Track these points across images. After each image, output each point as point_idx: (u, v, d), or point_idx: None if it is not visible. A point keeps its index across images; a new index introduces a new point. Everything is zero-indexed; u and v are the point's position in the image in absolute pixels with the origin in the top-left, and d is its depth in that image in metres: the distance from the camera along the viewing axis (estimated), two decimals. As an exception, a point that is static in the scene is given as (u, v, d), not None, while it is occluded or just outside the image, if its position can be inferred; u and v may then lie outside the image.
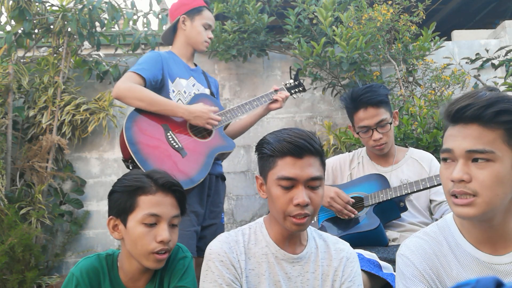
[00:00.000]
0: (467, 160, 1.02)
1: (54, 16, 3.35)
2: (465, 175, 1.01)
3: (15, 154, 3.34)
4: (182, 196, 1.38)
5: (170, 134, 2.03)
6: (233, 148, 2.13)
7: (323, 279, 1.32)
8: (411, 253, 1.15)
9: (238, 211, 3.57)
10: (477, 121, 1.01)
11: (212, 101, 2.20)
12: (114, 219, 1.36)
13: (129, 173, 1.40)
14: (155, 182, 1.33)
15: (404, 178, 2.01)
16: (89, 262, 1.36)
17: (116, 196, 1.35)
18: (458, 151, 1.03)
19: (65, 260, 3.36)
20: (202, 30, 2.24)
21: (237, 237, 1.34)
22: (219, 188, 2.23)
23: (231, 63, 3.76)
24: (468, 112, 1.01)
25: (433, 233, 1.16)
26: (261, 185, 1.34)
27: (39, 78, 3.41)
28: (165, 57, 2.19)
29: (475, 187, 1.00)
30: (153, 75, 2.09)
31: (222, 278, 1.25)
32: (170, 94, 2.14)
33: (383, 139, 2.00)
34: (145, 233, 1.30)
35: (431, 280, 1.11)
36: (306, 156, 1.24)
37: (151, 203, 1.31)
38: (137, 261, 1.33)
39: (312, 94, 3.74)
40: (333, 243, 1.39)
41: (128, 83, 2.02)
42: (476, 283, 0.54)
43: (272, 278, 1.30)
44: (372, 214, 1.90)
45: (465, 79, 3.30)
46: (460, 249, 1.11)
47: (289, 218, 1.25)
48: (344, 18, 3.25)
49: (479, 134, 1.00)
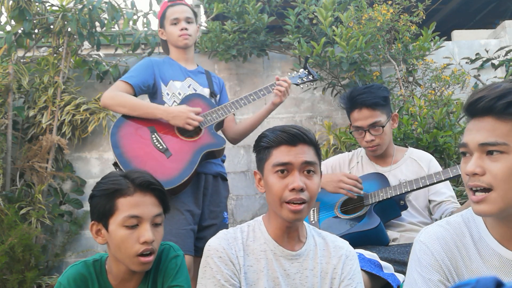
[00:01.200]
0: (482, 154, 1.00)
1: (54, 16, 3.35)
2: (478, 168, 0.99)
3: (15, 154, 3.34)
4: (162, 194, 1.35)
5: (155, 136, 2.06)
6: (223, 145, 2.09)
7: (322, 276, 1.33)
8: (431, 241, 1.12)
9: (238, 211, 3.57)
10: (490, 113, 0.99)
11: (204, 101, 2.19)
12: (96, 223, 1.33)
13: (106, 176, 1.37)
14: (132, 183, 1.30)
15: (403, 178, 2.01)
16: (75, 269, 1.33)
17: (95, 200, 1.32)
18: (472, 145, 1.01)
19: (65, 260, 3.35)
20: (172, 29, 2.26)
21: (236, 234, 1.35)
22: (218, 188, 2.23)
23: (231, 63, 3.76)
24: (481, 104, 1.00)
25: (457, 223, 1.14)
26: (259, 180, 1.37)
27: (39, 78, 3.41)
28: (158, 63, 2.25)
29: (488, 180, 0.99)
30: (142, 82, 2.16)
31: (221, 274, 1.26)
32: (164, 97, 2.19)
33: (375, 141, 2.00)
34: (127, 235, 1.27)
35: (448, 271, 1.08)
36: (299, 144, 1.29)
37: (130, 204, 1.28)
38: (124, 264, 1.31)
39: (312, 94, 3.74)
40: (332, 241, 1.39)
41: (112, 92, 2.11)
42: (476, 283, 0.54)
43: (270, 275, 1.30)
44: (372, 213, 1.90)
45: (465, 79, 3.30)
46: (483, 243, 1.08)
47: (285, 205, 1.27)
48: (344, 18, 3.25)
49: (492, 126, 0.99)
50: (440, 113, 2.95)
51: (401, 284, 1.63)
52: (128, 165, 1.97)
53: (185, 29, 2.23)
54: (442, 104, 3.11)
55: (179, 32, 2.23)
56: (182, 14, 2.25)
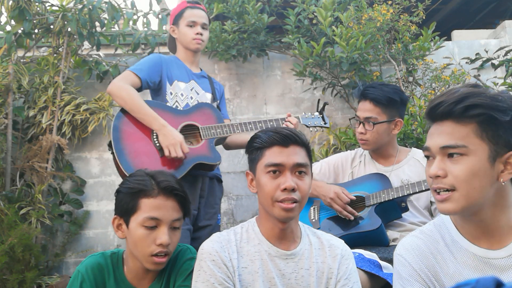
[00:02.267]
0: (443, 156, 1.05)
1: (54, 16, 3.35)
2: (440, 170, 1.04)
3: (15, 154, 3.34)
4: (184, 199, 1.39)
5: (156, 133, 2.07)
6: (216, 161, 2.09)
7: (318, 276, 1.33)
8: (407, 252, 1.15)
9: (238, 211, 3.57)
10: (450, 117, 1.04)
11: (214, 113, 2.19)
12: (118, 218, 1.38)
13: (134, 174, 1.42)
14: (158, 185, 1.34)
15: (405, 178, 2.01)
16: (94, 259, 1.39)
17: (120, 196, 1.37)
18: (434, 148, 1.06)
19: (65, 260, 3.35)
20: (187, 30, 2.28)
21: (229, 236, 1.36)
22: (214, 190, 2.25)
23: (231, 63, 3.76)
24: (440, 109, 1.05)
25: (429, 231, 1.17)
26: (251, 180, 1.39)
27: (39, 78, 3.41)
28: (167, 60, 2.26)
29: (451, 181, 1.03)
30: (150, 77, 2.17)
31: (214, 277, 1.26)
32: (167, 96, 2.21)
33: (365, 135, 2.03)
34: (145, 235, 1.31)
35: (428, 279, 1.11)
36: (291, 145, 1.32)
37: (152, 206, 1.32)
38: (139, 261, 1.35)
39: (312, 94, 3.74)
40: (327, 240, 1.40)
41: (121, 83, 2.10)
42: (476, 283, 0.54)
43: (266, 275, 1.30)
44: (373, 214, 1.90)
45: (465, 79, 3.30)
46: (456, 245, 1.11)
47: (277, 204, 1.28)
48: (344, 18, 3.25)
49: (452, 129, 1.03)
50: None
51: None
52: (120, 152, 2.00)
53: (200, 34, 2.27)
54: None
55: (193, 35, 2.26)
56: (200, 18, 2.29)
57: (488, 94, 1.02)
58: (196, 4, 2.34)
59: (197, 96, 2.27)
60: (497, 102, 1.01)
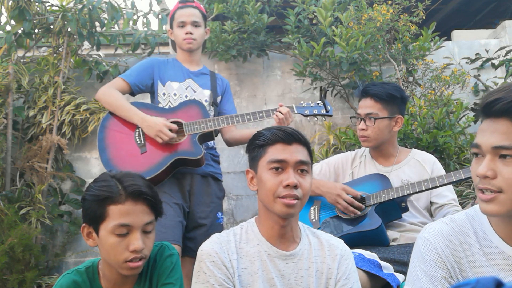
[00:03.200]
0: (494, 156, 0.99)
1: (54, 16, 3.35)
2: (490, 171, 0.99)
3: (15, 154, 3.34)
4: (154, 202, 1.32)
5: (138, 131, 2.15)
6: (197, 156, 2.08)
7: (317, 276, 1.33)
8: (435, 237, 1.11)
9: (238, 211, 3.57)
10: (506, 115, 0.97)
11: (200, 109, 2.20)
12: (87, 226, 1.31)
13: (98, 179, 1.34)
14: (125, 190, 1.27)
15: (405, 179, 2.01)
16: (68, 278, 1.32)
17: (86, 204, 1.30)
18: (485, 147, 1.00)
19: (65, 260, 3.35)
20: (178, 31, 2.30)
21: (228, 237, 1.35)
22: (208, 188, 2.24)
23: (231, 63, 3.76)
24: (497, 106, 0.98)
25: (461, 221, 1.13)
26: (252, 178, 1.39)
27: (39, 78, 3.41)
28: (160, 63, 2.32)
29: (500, 184, 0.98)
30: (139, 81, 2.27)
31: (214, 278, 1.26)
32: (159, 97, 2.27)
33: (367, 132, 2.03)
34: (117, 243, 1.25)
35: (451, 268, 1.08)
36: (294, 143, 1.33)
37: (120, 212, 1.25)
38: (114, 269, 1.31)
39: (312, 94, 3.74)
40: (327, 240, 1.39)
41: (106, 89, 2.23)
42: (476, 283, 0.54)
43: (265, 276, 1.30)
44: (373, 213, 1.90)
45: (465, 79, 3.30)
46: (487, 240, 1.08)
47: (278, 200, 1.29)
48: (343, 18, 3.25)
49: (507, 129, 0.97)
50: (440, 113, 2.95)
51: (401, 284, 1.63)
52: (103, 150, 2.13)
53: (190, 33, 2.26)
54: (442, 104, 3.11)
55: (183, 35, 2.27)
56: (189, 17, 2.28)
57: None
58: (187, 2, 2.32)
59: (194, 94, 2.28)
60: None
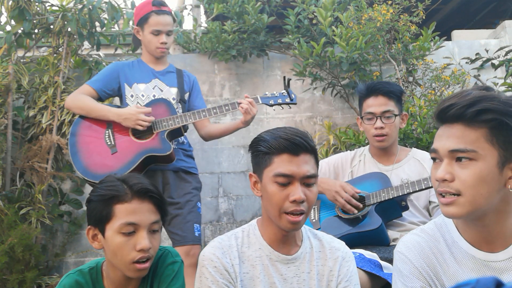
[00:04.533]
0: (451, 160, 1.03)
1: (54, 16, 3.35)
2: (448, 174, 1.02)
3: (15, 154, 3.34)
4: (160, 201, 1.33)
5: (108, 132, 2.20)
6: (166, 152, 2.14)
7: (319, 279, 1.32)
8: (408, 250, 1.14)
9: (238, 211, 3.57)
10: (461, 120, 1.01)
11: (167, 106, 2.24)
12: (93, 228, 1.31)
13: (103, 180, 1.34)
14: (130, 189, 1.27)
15: (405, 178, 2.01)
16: (71, 279, 1.32)
17: (92, 205, 1.30)
18: (442, 151, 1.04)
19: (65, 260, 3.35)
20: (151, 38, 2.30)
21: (230, 242, 1.34)
22: (182, 181, 2.29)
23: (231, 63, 3.76)
24: (451, 111, 1.02)
25: (430, 230, 1.16)
26: (255, 183, 1.35)
27: (39, 78, 3.41)
28: (125, 66, 2.37)
29: (457, 186, 1.01)
30: (106, 86, 2.32)
31: (216, 284, 1.25)
32: (127, 99, 2.31)
33: (385, 129, 2.01)
34: (124, 242, 1.25)
35: (428, 277, 1.11)
36: (302, 153, 1.26)
37: (127, 211, 1.26)
38: (120, 270, 1.30)
39: (312, 94, 3.74)
40: (328, 243, 1.38)
41: (74, 95, 2.29)
42: (476, 283, 0.54)
43: (267, 280, 1.29)
44: (373, 213, 1.90)
45: (465, 79, 3.30)
46: (457, 246, 1.11)
47: (284, 216, 1.25)
48: (343, 18, 3.25)
49: (462, 133, 1.01)
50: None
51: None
52: (75, 154, 2.19)
53: (165, 43, 2.30)
54: (439, 105, 3.11)
55: (158, 44, 2.30)
56: (165, 27, 2.29)
57: (500, 99, 1.00)
58: (161, 7, 2.30)
59: (161, 93, 2.32)
60: (509, 107, 0.99)
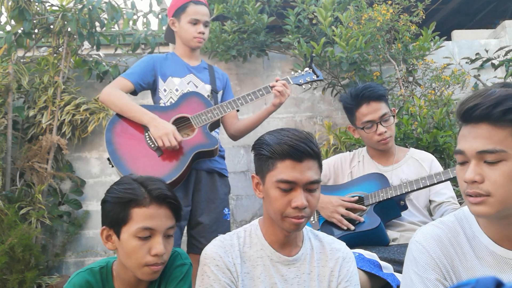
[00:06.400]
0: (479, 161, 1.01)
1: (54, 16, 3.36)
2: (477, 176, 1.00)
3: (15, 154, 3.34)
4: (176, 206, 1.33)
5: (148, 134, 2.07)
6: (214, 146, 2.08)
7: (320, 279, 1.32)
8: (426, 240, 1.13)
9: (238, 211, 3.57)
10: (486, 120, 0.99)
11: (201, 100, 2.17)
12: (107, 229, 1.31)
13: (121, 181, 1.34)
14: (149, 194, 1.28)
15: (404, 178, 2.01)
16: (82, 277, 1.32)
17: (108, 206, 1.30)
18: (469, 152, 1.02)
19: (65, 260, 3.35)
20: (188, 27, 2.23)
21: (232, 241, 1.34)
22: (214, 185, 2.23)
23: (231, 63, 3.76)
24: (477, 112, 1.00)
25: (450, 222, 1.15)
26: (258, 184, 1.34)
27: (39, 78, 3.41)
28: (160, 59, 2.27)
29: (487, 187, 1.00)
30: (142, 79, 2.21)
31: (218, 282, 1.25)
32: (161, 93, 2.23)
33: (388, 132, 2.01)
34: (139, 246, 1.26)
35: (445, 270, 1.09)
36: (305, 159, 1.24)
37: (145, 216, 1.26)
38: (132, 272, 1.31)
39: (312, 94, 3.74)
40: (329, 243, 1.39)
41: (110, 89, 2.15)
42: (476, 283, 0.54)
43: (268, 281, 1.30)
44: (372, 213, 1.90)
45: (465, 79, 3.30)
46: (477, 241, 1.10)
47: (287, 219, 1.26)
48: (343, 18, 3.25)
49: (489, 133, 0.99)
50: (440, 113, 2.95)
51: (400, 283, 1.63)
52: (119, 162, 2.02)
53: (203, 33, 2.24)
54: (442, 104, 3.11)
55: (196, 34, 2.23)
56: (203, 16, 2.24)
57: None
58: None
59: (196, 90, 2.26)
60: None
